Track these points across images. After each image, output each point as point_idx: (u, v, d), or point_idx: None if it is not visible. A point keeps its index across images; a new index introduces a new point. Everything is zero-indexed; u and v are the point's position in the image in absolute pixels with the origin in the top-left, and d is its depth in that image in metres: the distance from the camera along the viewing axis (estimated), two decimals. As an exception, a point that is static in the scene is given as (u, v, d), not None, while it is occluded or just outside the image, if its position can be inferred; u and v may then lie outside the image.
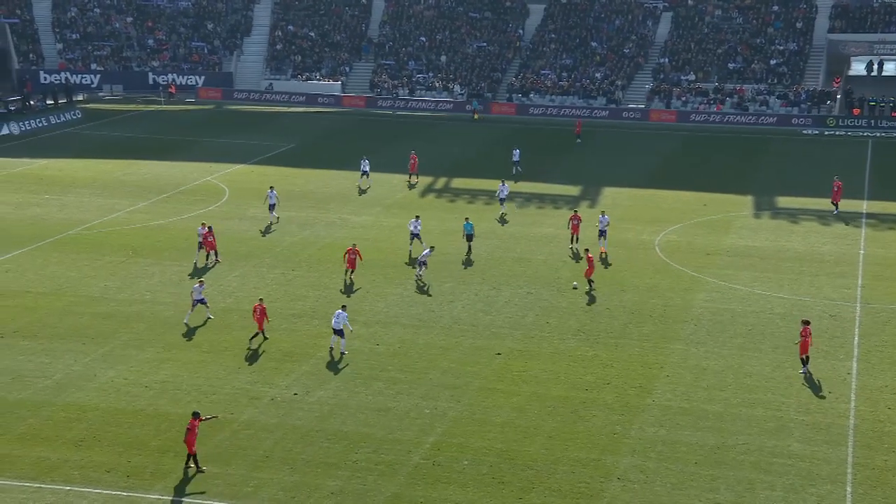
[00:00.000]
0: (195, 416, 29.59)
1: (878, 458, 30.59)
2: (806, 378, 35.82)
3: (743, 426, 32.42)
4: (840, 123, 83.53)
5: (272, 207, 54.63)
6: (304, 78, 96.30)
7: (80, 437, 31.48)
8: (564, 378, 35.89)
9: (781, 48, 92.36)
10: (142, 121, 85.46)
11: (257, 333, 38.69)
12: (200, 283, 41.18)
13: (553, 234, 52.73)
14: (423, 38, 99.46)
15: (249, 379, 35.62)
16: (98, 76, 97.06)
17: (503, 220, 55.51)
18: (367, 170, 63.09)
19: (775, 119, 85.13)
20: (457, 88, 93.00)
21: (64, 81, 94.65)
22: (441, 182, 65.15)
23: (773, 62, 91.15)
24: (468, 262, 48.37)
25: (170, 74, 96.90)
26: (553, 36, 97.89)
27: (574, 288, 44.57)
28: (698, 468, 29.96)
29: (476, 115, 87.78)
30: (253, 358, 37.40)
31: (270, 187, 55.80)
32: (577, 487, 28.94)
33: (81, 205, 58.25)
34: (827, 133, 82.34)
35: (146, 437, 31.49)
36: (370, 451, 30.75)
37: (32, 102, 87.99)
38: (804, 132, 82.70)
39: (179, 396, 34.12)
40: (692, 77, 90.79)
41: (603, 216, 50.18)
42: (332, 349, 37.82)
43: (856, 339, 39.59)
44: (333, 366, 36.78)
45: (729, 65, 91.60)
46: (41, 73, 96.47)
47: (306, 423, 32.46)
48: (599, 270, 47.11)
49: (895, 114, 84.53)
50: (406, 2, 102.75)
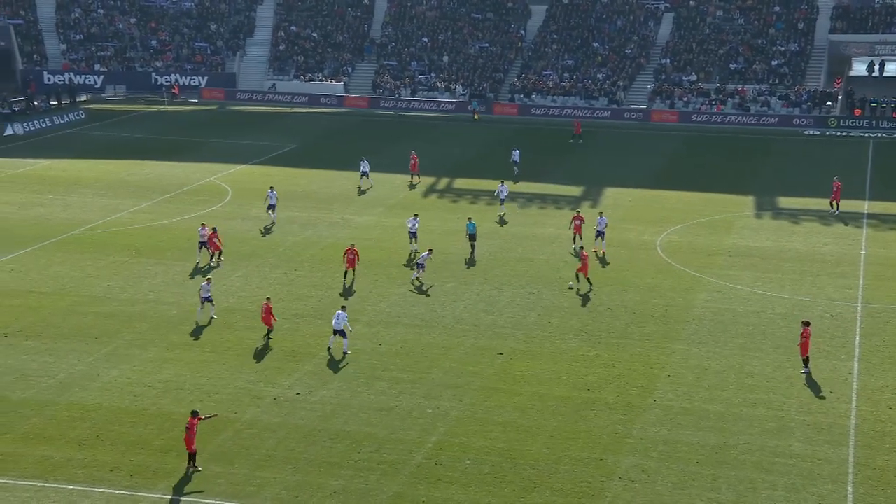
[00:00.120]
0: (193, 414, 29.72)
1: (880, 458, 30.62)
2: (807, 378, 35.87)
3: (744, 426, 32.45)
4: (841, 124, 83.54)
5: (273, 208, 54.77)
6: (307, 78, 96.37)
7: (83, 437, 31.57)
8: (566, 378, 35.97)
9: (783, 49, 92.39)
10: (145, 121, 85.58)
11: (269, 331, 38.95)
12: (208, 280, 41.24)
13: (555, 234, 52.79)
14: (426, 39, 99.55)
15: (252, 378, 35.72)
16: (101, 77, 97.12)
17: (502, 220, 55.59)
18: (366, 170, 63.15)
19: (777, 119, 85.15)
20: (459, 89, 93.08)
21: (67, 82, 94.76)
22: (443, 182, 65.23)
23: (774, 63, 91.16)
24: (471, 262, 48.45)
25: (173, 75, 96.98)
26: (555, 37, 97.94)
27: (570, 288, 44.66)
28: (700, 468, 30.01)
29: (476, 116, 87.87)
30: (256, 357, 37.50)
31: (270, 187, 55.93)
32: (578, 487, 29.00)
33: (85, 205, 58.37)
34: (828, 133, 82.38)
35: (149, 436, 31.58)
36: (372, 451, 30.82)
37: (36, 103, 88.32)
38: (805, 133, 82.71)
39: (182, 396, 34.21)
40: (693, 78, 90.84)
41: (601, 217, 50.28)
42: (330, 349, 37.90)
43: (857, 339, 39.63)
44: (336, 365, 36.87)
45: (730, 65, 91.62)
46: (45, 73, 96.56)
47: (309, 423, 32.54)
48: (600, 270, 47.20)
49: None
50: (408, 2, 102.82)
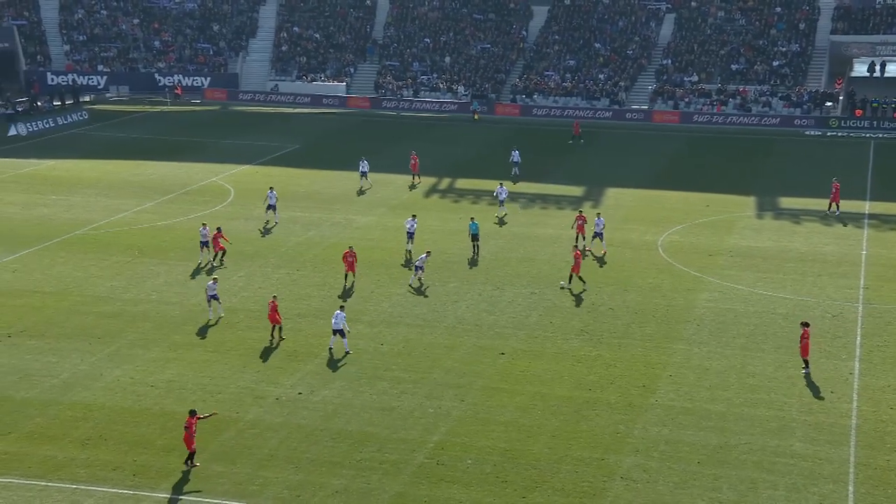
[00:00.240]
0: (192, 414, 29.82)
1: (881, 458, 30.69)
2: (808, 378, 35.93)
3: (745, 426, 32.51)
4: (842, 125, 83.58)
5: (273, 208, 54.78)
6: (309, 79, 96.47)
7: (86, 436, 31.68)
8: (568, 378, 36.05)
9: (784, 49, 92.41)
10: (148, 122, 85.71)
11: (280, 330, 39.09)
12: (214, 280, 41.33)
13: (557, 234, 52.86)
14: (428, 40, 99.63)
15: (254, 378, 35.82)
16: (105, 77, 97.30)
17: (502, 221, 55.62)
18: (365, 170, 63.23)
19: (778, 120, 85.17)
20: (461, 90, 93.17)
21: (71, 83, 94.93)
22: (445, 183, 65.30)
23: (775, 63, 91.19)
24: (473, 262, 48.54)
25: (176, 76, 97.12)
26: (556, 37, 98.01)
27: (562, 288, 44.72)
28: (701, 467, 30.08)
29: (476, 116, 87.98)
30: (258, 357, 37.59)
31: (270, 188, 55.99)
32: (580, 486, 29.08)
33: (88, 205, 58.50)
34: (829, 134, 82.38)
35: (152, 435, 31.69)
36: (374, 451, 30.90)
37: (40, 103, 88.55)
38: (807, 133, 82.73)
39: (185, 395, 34.30)
40: (695, 78, 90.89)
41: (599, 218, 50.34)
42: (331, 349, 38.00)
43: (858, 339, 39.67)
44: (338, 365, 36.96)
45: (732, 66, 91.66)
46: (48, 74, 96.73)
47: (311, 423, 32.63)
48: (601, 270, 47.33)
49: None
50: (410, 3, 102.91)
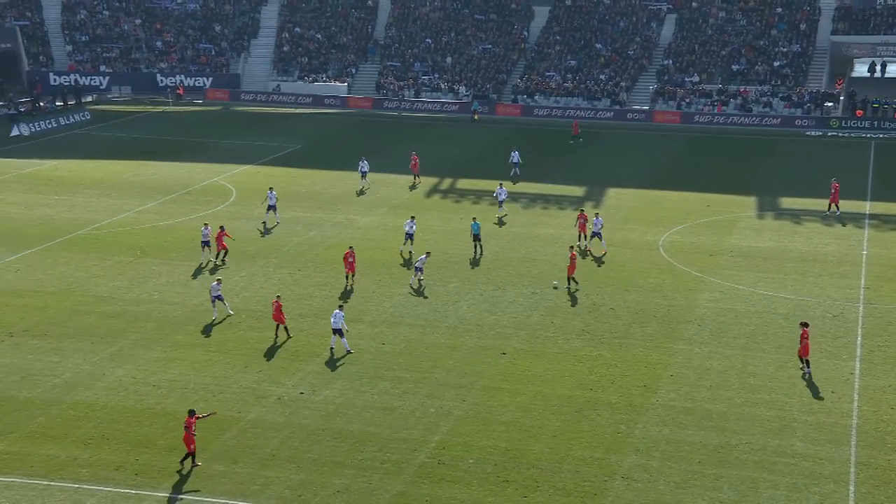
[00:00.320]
0: (191, 414, 29.90)
1: (881, 458, 30.75)
2: (809, 378, 35.98)
3: (746, 426, 32.57)
4: (843, 125, 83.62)
5: (273, 209, 54.77)
6: (311, 79, 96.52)
7: (88, 436, 31.76)
8: (569, 377, 36.11)
9: (785, 50, 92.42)
10: (150, 122, 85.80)
11: (287, 329, 39.19)
12: (218, 281, 41.37)
13: (558, 234, 52.91)
14: (429, 40, 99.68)
15: (256, 378, 35.90)
16: (107, 78, 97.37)
17: (501, 222, 55.66)
18: (366, 170, 63.29)
19: (779, 120, 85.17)
20: (462, 90, 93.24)
21: (73, 83, 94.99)
22: (446, 183, 65.38)
23: (776, 64, 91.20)
24: (475, 262, 48.62)
25: (178, 76, 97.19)
26: (558, 38, 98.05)
27: (555, 287, 44.79)
28: (702, 467, 30.14)
29: (476, 116, 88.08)
30: (260, 357, 37.68)
31: (270, 188, 56.02)
32: (581, 486, 29.14)
33: (90, 205, 58.60)
34: (830, 134, 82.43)
35: (154, 435, 31.77)
36: (376, 450, 30.98)
37: (42, 104, 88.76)
38: (807, 133, 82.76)
39: (187, 395, 34.38)
40: (696, 79, 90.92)
41: (597, 218, 50.41)
42: (332, 349, 38.07)
43: (859, 339, 39.73)
44: (339, 365, 37.04)
45: (732, 66, 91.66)
46: (51, 74, 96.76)
47: (313, 422, 32.71)
48: (602, 270, 47.42)
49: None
50: (412, 4, 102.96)
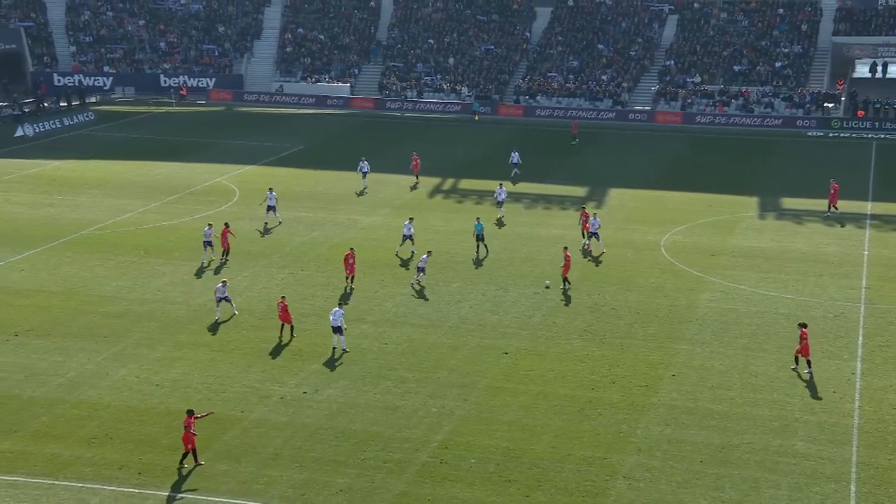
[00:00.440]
0: (189, 413, 30.00)
1: (883, 458, 30.79)
2: (810, 378, 36.03)
3: (748, 425, 32.63)
4: (844, 125, 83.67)
5: (273, 209, 54.75)
6: (314, 80, 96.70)
7: (92, 435, 31.84)
8: (571, 377, 36.19)
9: (786, 51, 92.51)
10: (153, 122, 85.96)
11: (292, 329, 39.31)
12: (223, 283, 41.41)
13: (560, 234, 52.97)
14: (432, 41, 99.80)
15: (259, 377, 35.98)
16: (111, 78, 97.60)
17: (501, 222, 55.73)
18: (366, 171, 63.36)
19: (780, 121, 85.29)
20: (464, 90, 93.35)
21: (77, 84, 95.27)
22: (449, 183, 65.47)
23: (777, 65, 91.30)
24: (478, 262, 48.71)
25: (181, 77, 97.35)
26: (560, 38, 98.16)
27: (546, 287, 44.85)
28: (703, 467, 30.19)
29: (477, 117, 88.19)
30: (263, 357, 37.77)
31: (269, 189, 56.07)
32: (583, 486, 29.20)
33: (94, 205, 58.72)
34: (831, 135, 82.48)
35: (157, 434, 31.85)
36: (378, 450, 31.05)
37: (46, 104, 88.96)
38: (809, 134, 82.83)
39: (190, 394, 34.47)
40: (698, 79, 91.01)
41: (595, 218, 50.48)
42: (335, 349, 38.17)
43: (860, 339, 39.78)
44: (342, 364, 37.13)
45: (734, 67, 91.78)
46: (55, 75, 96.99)
47: (315, 422, 32.79)
48: (603, 270, 47.51)
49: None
50: (414, 4, 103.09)
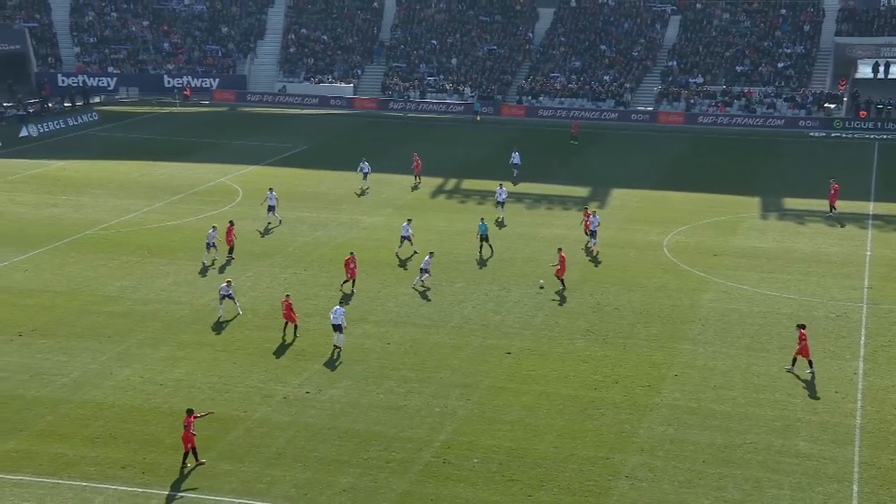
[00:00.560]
0: (189, 413, 30.10)
1: (885, 458, 30.84)
2: (812, 378, 36.05)
3: (750, 425, 32.68)
4: (847, 126, 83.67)
5: (272, 209, 54.78)
6: (317, 80, 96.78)
7: (96, 434, 31.95)
8: (573, 377, 36.25)
9: (789, 51, 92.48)
10: (157, 123, 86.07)
11: (295, 328, 39.40)
12: (228, 282, 41.46)
13: (562, 234, 53.02)
14: (434, 42, 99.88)
15: (262, 377, 36.07)
16: (115, 79, 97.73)
17: (501, 223, 55.79)
18: (366, 171, 63.41)
19: (782, 121, 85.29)
20: (467, 91, 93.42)
21: (81, 84, 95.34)
22: (451, 183, 65.53)
23: (780, 65, 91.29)
24: (480, 263, 48.78)
25: (185, 77, 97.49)
26: (562, 39, 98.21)
27: (541, 287, 44.90)
28: (706, 467, 30.24)
29: (478, 117, 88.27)
30: (266, 356, 37.85)
31: (270, 189, 56.12)
32: (585, 485, 29.25)
33: (98, 205, 58.82)
34: (833, 135, 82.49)
35: (161, 434, 31.94)
36: (381, 449, 31.12)
37: (50, 105, 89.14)
38: (811, 134, 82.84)
39: (194, 394, 34.55)
40: (700, 80, 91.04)
41: (594, 216, 50.56)
42: (338, 347, 38.30)
43: (862, 339, 39.83)
44: (345, 364, 37.21)
45: (737, 67, 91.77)
46: (59, 75, 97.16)
47: (318, 421, 32.86)
48: (605, 270, 47.57)
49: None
50: (417, 5, 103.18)
